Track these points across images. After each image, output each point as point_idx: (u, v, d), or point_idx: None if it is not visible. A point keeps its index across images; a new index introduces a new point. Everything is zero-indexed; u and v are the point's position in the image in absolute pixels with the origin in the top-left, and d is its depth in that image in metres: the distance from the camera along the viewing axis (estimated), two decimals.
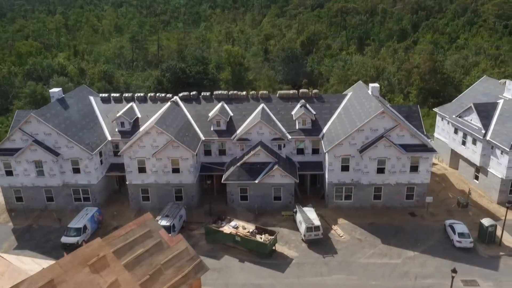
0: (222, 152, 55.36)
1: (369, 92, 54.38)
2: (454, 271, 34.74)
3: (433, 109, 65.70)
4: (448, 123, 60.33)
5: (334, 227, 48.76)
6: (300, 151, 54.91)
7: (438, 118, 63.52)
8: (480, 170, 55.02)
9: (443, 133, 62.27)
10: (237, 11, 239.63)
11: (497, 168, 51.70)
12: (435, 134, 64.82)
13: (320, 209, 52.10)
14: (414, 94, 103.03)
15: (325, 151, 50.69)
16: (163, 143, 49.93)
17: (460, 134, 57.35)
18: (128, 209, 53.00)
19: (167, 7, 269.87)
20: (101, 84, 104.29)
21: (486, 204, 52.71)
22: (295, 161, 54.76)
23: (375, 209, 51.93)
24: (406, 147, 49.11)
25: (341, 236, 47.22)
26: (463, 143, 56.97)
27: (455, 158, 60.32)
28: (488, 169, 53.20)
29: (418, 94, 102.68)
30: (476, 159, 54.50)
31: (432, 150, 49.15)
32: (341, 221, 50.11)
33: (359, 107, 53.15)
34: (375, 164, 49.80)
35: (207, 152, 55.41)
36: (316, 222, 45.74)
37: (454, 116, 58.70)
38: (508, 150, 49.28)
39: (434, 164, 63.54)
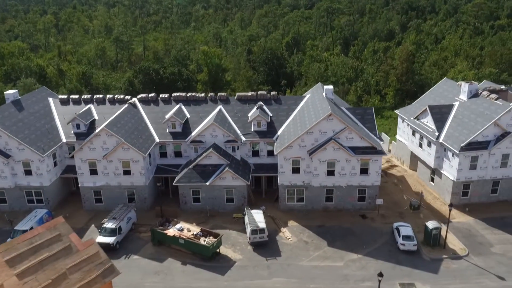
0: (177, 154, 55.37)
1: (324, 94, 54.31)
2: (380, 274, 34.73)
3: (395, 111, 65.56)
4: (407, 125, 60.26)
5: (283, 229, 48.74)
6: (256, 153, 54.91)
7: (399, 120, 63.48)
8: (435, 172, 54.96)
9: (404, 135, 62.23)
10: (228, 12, 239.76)
11: (449, 170, 51.66)
12: (397, 136, 64.79)
13: (272, 211, 52.20)
14: (390, 96, 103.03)
15: (275, 153, 50.70)
16: (114, 145, 49.97)
17: (418, 136, 57.30)
18: (82, 211, 53.02)
19: (159, 7, 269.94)
20: (78, 85, 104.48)
21: (439, 207, 52.66)
22: (251, 163, 54.76)
23: (327, 211, 51.93)
24: (355, 150, 49.12)
25: (288, 239, 47.21)
26: (420, 145, 56.92)
27: (415, 160, 60.27)
28: (442, 171, 53.17)
29: (395, 95, 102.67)
30: (431, 161, 54.46)
31: (381, 152, 49.14)
32: (291, 223, 50.10)
33: (312, 109, 53.16)
34: (325, 167, 49.81)
35: (163, 154, 55.45)
36: (262, 224, 45.72)
37: (412, 118, 58.65)
38: (458, 152, 49.21)
39: (395, 166, 63.62)
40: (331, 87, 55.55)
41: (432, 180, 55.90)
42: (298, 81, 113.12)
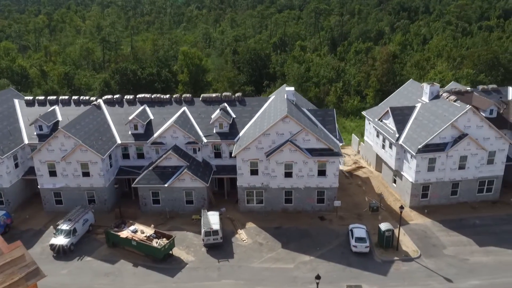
0: (140, 156, 55.46)
1: (284, 96, 54.37)
2: (317, 277, 34.79)
3: (362, 112, 65.57)
4: (373, 127, 60.30)
5: (240, 231, 48.80)
6: (218, 155, 54.94)
7: (366, 121, 63.50)
8: (396, 174, 54.98)
9: (370, 137, 62.25)
10: (221, 12, 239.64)
11: (408, 172, 51.70)
12: (365, 137, 64.82)
13: (233, 213, 52.27)
14: (371, 96, 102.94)
15: (232, 155, 50.80)
16: (72, 146, 50.07)
17: (381, 137, 57.34)
18: (42, 212, 53.12)
19: (152, 8, 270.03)
20: (56, 86, 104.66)
21: (398, 209, 52.53)
22: (213, 164, 54.82)
23: (287, 212, 51.98)
24: (312, 151, 49.17)
25: (243, 240, 47.28)
26: (383, 146, 56.95)
27: (380, 161, 60.30)
28: (402, 173, 53.19)
29: (375, 96, 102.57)
30: (392, 163, 54.51)
31: (337, 154, 49.15)
32: (249, 225, 50.16)
33: (273, 111, 53.21)
34: (282, 168, 49.87)
35: (125, 156, 55.51)
36: (215, 226, 45.78)
37: (376, 119, 58.70)
38: (415, 154, 49.24)
39: (361, 167, 63.65)
40: (292, 88, 55.61)
41: (395, 181, 55.92)
42: (274, 82, 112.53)
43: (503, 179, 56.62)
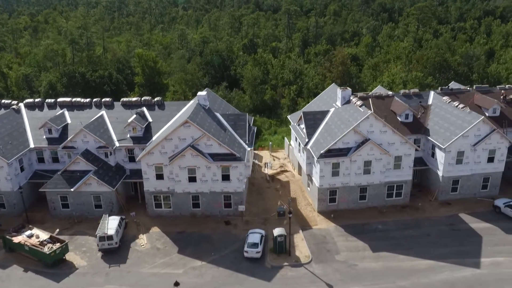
0: (55, 160, 55.57)
1: (196, 100, 54.52)
2: (176, 284, 34.88)
3: (288, 116, 65.62)
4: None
5: (141, 236, 48.92)
6: (133, 159, 54.99)
7: (292, 125, 63.53)
8: (309, 178, 55.06)
9: (294, 140, 62.28)
10: (202, 13, 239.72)
11: (316, 176, 51.78)
12: (291, 141, 64.87)
13: (142, 217, 52.38)
14: None
15: (136, 160, 50.95)
16: None
17: (298, 141, 57.40)
18: None
19: (136, 9, 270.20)
20: (17, 88, 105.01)
21: (307, 213, 52.77)
22: (127, 168, 54.91)
23: (195, 217, 52.09)
24: (214, 156, 49.25)
25: (142, 245, 47.39)
26: (299, 150, 57.03)
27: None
28: (312, 178, 53.26)
29: None
30: (305, 167, 54.57)
31: (239, 159, 49.22)
32: (154, 229, 50.29)
33: (183, 116, 53.30)
34: (186, 173, 49.96)
35: (41, 160, 55.63)
36: (111, 231, 45.89)
37: (294, 123, 58.79)
38: (317, 159, 49.32)
39: (286, 171, 63.71)
40: (204, 93, 55.75)
41: (309, 186, 56.01)
42: (241, 84, 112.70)
43: (419, 183, 57.01)
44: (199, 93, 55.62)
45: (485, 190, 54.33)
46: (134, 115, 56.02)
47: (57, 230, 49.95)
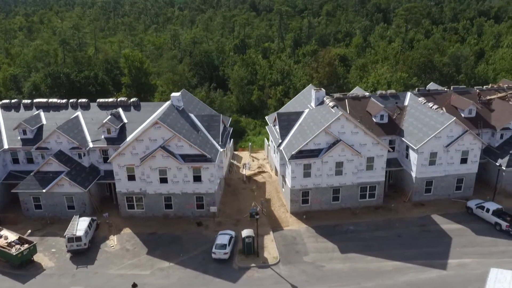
0: (30, 160, 55.55)
1: (170, 101, 54.52)
2: (134, 285, 34.83)
3: (266, 117, 65.59)
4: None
5: (112, 237, 48.91)
6: (107, 160, 54.85)
7: (268, 126, 63.45)
8: (283, 179, 55.01)
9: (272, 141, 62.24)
10: (197, 13, 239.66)
11: (288, 178, 51.72)
12: (270, 142, 64.78)
13: (115, 218, 52.36)
14: None
15: (108, 161, 50.95)
16: None
17: (273, 142, 57.36)
18: None
19: (131, 9, 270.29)
20: (4, 88, 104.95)
21: (280, 214, 52.74)
22: (102, 169, 54.87)
23: (168, 218, 52.03)
24: (185, 157, 49.22)
25: (111, 247, 47.37)
26: (274, 151, 57.00)
27: None
28: (285, 179, 53.22)
29: None
30: (279, 168, 54.51)
31: (210, 160, 49.18)
32: (125, 230, 50.27)
33: (157, 117, 53.22)
34: (157, 174, 49.93)
35: (15, 161, 55.63)
36: (79, 233, 45.87)
37: (270, 124, 58.74)
38: (288, 160, 49.28)
39: (263, 172, 63.67)
40: (177, 94, 55.75)
41: (283, 187, 55.96)
42: (228, 84, 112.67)
43: (395, 184, 56.97)
44: (173, 94, 55.64)
45: (459, 191, 54.26)
46: (109, 116, 55.98)
47: (29, 231, 49.99)
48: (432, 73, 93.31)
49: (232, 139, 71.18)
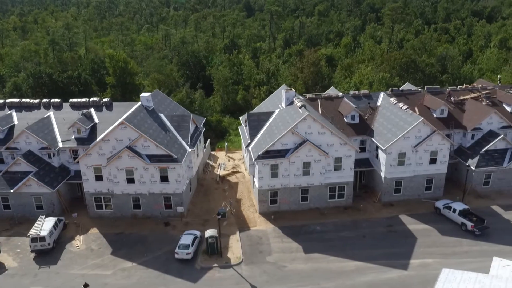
0: (1, 160, 55.53)
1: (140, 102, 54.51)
2: (85, 285, 34.81)
3: (240, 117, 65.53)
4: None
5: (78, 237, 48.90)
6: None
7: (240, 126, 63.42)
8: (253, 179, 54.95)
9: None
10: (189, 13, 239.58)
11: (257, 178, 51.67)
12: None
13: (84, 219, 52.33)
14: None
15: (75, 161, 50.95)
16: None
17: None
18: None
19: (125, 9, 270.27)
20: None
21: (249, 214, 52.70)
22: (72, 169, 54.87)
23: (136, 218, 51.99)
24: (151, 158, 49.18)
25: (76, 247, 47.36)
26: (246, 151, 56.93)
27: None
28: (254, 179, 53.18)
29: None
30: (249, 169, 54.45)
31: (176, 160, 49.14)
32: (93, 230, 50.25)
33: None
34: (124, 174, 49.91)
35: None
36: (43, 233, 45.86)
37: (242, 124, 58.68)
38: (254, 160, 49.25)
39: (237, 172, 63.62)
40: (147, 94, 55.72)
41: (254, 187, 55.89)
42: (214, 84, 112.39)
43: (366, 185, 56.94)
44: (142, 94, 55.66)
45: (429, 192, 54.19)
46: (80, 116, 55.96)
47: None
48: (415, 73, 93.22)
49: (208, 139, 71.29)
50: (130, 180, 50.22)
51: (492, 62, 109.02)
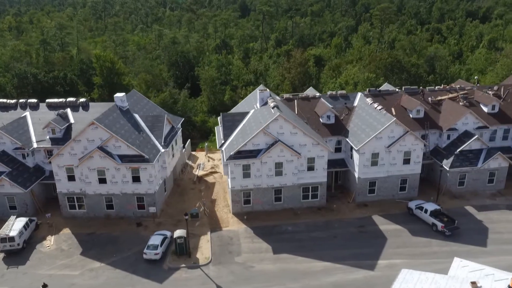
0: None
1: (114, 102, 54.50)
2: (44, 285, 34.77)
3: (218, 117, 65.39)
4: None
5: (49, 237, 48.87)
6: None
7: (216, 127, 63.31)
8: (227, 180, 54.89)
9: None
10: (184, 13, 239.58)
11: (229, 178, 51.61)
12: None
13: (58, 219, 52.33)
14: None
15: (47, 161, 50.93)
16: None
17: None
18: None
19: (120, 9, 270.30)
20: None
21: (222, 215, 52.66)
22: (47, 170, 54.83)
23: (109, 218, 51.96)
24: (123, 158, 49.16)
25: (47, 247, 47.33)
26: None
27: None
28: (228, 179, 53.13)
29: None
30: (223, 169, 54.38)
31: (147, 160, 49.10)
32: (65, 230, 50.22)
33: None
34: (95, 174, 49.88)
35: None
36: (13, 233, 45.83)
37: (219, 125, 58.62)
38: (226, 161, 49.22)
39: (215, 172, 63.57)
40: (122, 94, 55.65)
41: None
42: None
43: (342, 185, 56.89)
44: (116, 94, 55.57)
45: (403, 192, 54.13)
46: (55, 116, 55.93)
47: None
48: (400, 73, 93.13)
49: (189, 140, 71.28)
50: (102, 180, 50.18)
51: (480, 62, 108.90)
